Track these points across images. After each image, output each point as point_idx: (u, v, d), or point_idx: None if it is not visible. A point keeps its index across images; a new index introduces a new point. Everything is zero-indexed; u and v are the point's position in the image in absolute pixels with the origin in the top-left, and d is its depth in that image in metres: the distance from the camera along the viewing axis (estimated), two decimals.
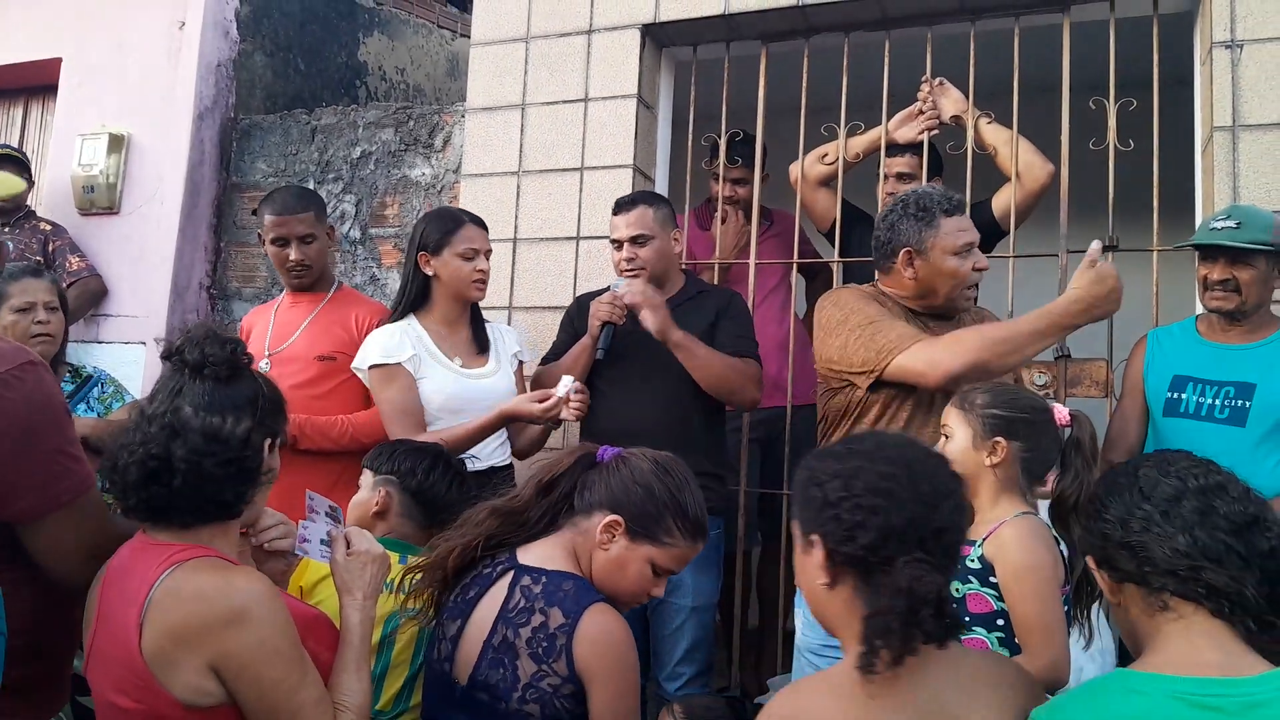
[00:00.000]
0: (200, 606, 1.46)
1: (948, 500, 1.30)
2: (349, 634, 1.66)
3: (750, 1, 3.46)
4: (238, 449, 1.57)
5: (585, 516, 1.82)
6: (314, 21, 4.92)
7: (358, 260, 4.11)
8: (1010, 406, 1.98)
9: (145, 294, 4.24)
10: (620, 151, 3.56)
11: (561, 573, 1.74)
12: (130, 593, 1.49)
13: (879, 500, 1.27)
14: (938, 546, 1.27)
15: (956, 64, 3.32)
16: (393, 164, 4.10)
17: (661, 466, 1.83)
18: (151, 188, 4.33)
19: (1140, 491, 1.28)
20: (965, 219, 2.47)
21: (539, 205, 3.65)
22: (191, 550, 1.53)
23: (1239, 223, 2.49)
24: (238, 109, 4.50)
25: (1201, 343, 2.66)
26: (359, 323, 3.04)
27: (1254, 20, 2.91)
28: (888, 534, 1.26)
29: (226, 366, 1.71)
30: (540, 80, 3.71)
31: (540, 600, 1.70)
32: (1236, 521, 1.22)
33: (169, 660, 1.44)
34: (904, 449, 1.36)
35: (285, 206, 3.06)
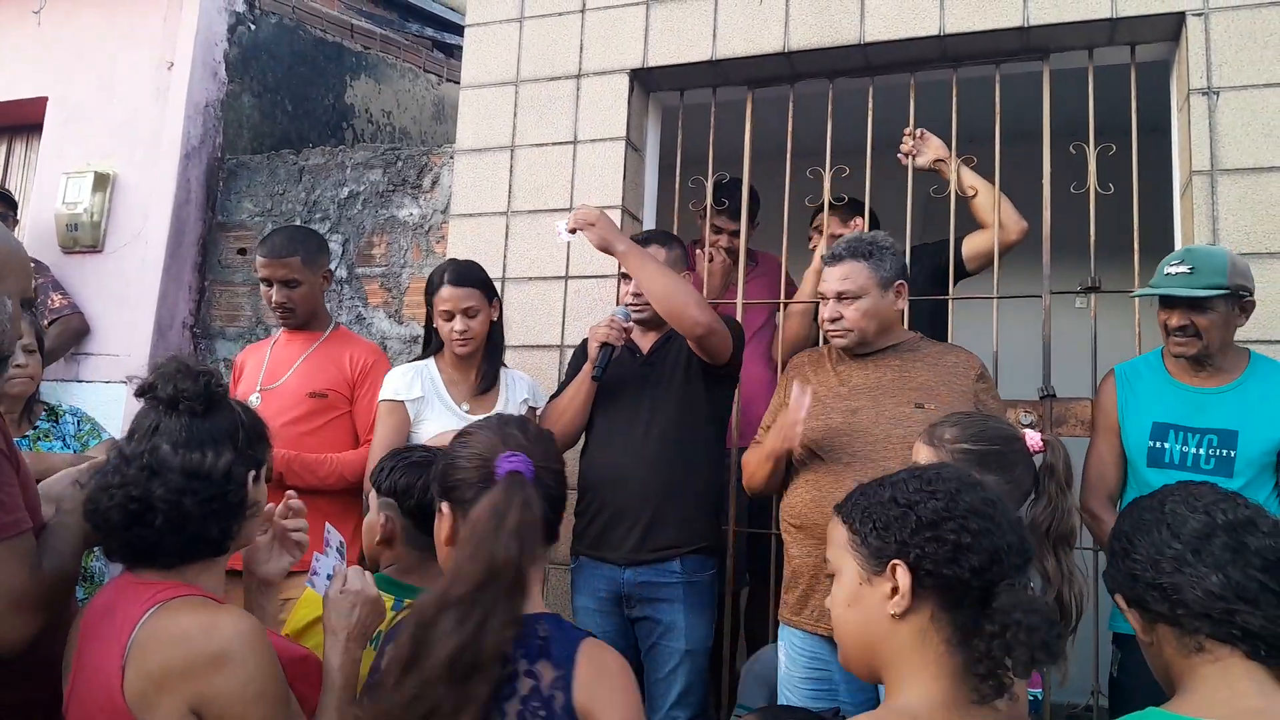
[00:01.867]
0: (182, 648, 1.42)
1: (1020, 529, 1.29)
2: (329, 677, 1.62)
3: (737, 48, 3.53)
4: (220, 484, 1.54)
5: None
6: (302, 64, 4.96)
7: (344, 300, 4.10)
8: (980, 439, 1.94)
9: (128, 333, 4.21)
10: (609, 193, 3.60)
11: (529, 616, 1.48)
12: (113, 633, 1.46)
13: (985, 523, 1.23)
14: (1021, 574, 1.24)
15: (939, 110, 3.38)
16: (380, 204, 4.12)
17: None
18: (136, 226, 4.31)
19: (1169, 528, 1.25)
20: (829, 270, 2.61)
21: (528, 245, 3.67)
22: (176, 589, 1.50)
23: (1192, 267, 2.46)
24: (225, 149, 4.51)
25: (1175, 385, 2.62)
26: (353, 362, 3.10)
27: (1229, 68, 3.00)
28: (995, 556, 1.21)
29: (201, 400, 1.67)
30: (529, 123, 3.75)
31: (521, 660, 1.43)
32: (1269, 558, 1.18)
33: (150, 703, 1.41)
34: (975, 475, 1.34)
35: (273, 249, 3.10)
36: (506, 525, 1.40)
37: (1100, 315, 3.23)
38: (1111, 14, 3.12)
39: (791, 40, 3.46)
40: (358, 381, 3.08)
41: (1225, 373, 2.57)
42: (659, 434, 2.80)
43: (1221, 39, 3.02)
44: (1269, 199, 2.92)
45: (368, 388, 3.06)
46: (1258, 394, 2.53)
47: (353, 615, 1.65)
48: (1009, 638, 1.15)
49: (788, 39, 3.46)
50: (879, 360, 2.61)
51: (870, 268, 2.56)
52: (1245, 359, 2.60)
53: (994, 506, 1.26)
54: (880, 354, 2.62)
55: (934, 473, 1.33)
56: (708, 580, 2.84)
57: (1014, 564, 1.22)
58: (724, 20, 3.55)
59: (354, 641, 1.64)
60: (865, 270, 2.56)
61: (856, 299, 2.56)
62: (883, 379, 2.57)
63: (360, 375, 3.09)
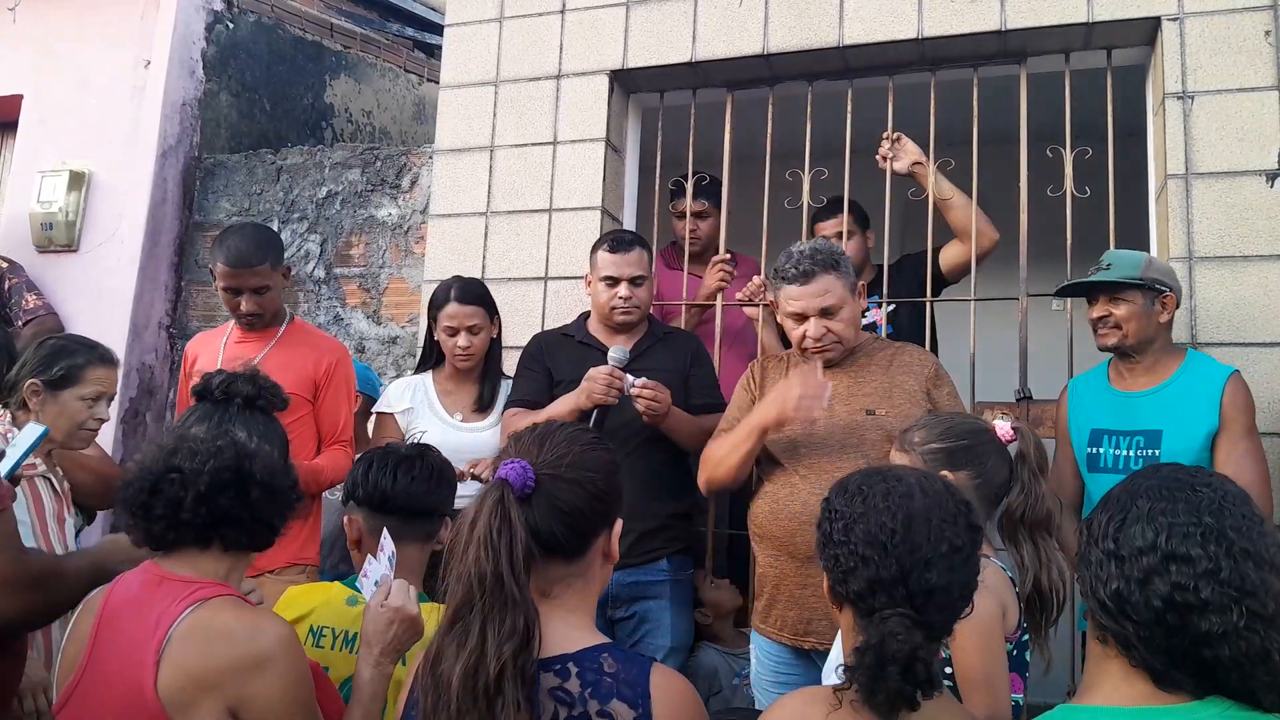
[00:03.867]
0: (227, 648, 1.43)
1: (948, 559, 1.30)
2: (358, 690, 1.61)
3: (716, 50, 3.53)
4: (284, 478, 1.62)
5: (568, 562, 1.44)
6: (281, 63, 4.93)
7: (321, 300, 4.08)
8: (947, 436, 1.93)
9: (103, 333, 4.11)
10: (589, 194, 3.59)
11: (590, 649, 1.36)
12: (144, 628, 1.45)
13: (871, 552, 1.30)
14: (929, 605, 1.27)
15: (917, 113, 3.40)
16: (359, 204, 4.10)
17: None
18: (112, 226, 4.28)
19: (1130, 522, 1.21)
20: (802, 289, 2.49)
21: (507, 246, 3.66)
22: (213, 588, 1.50)
23: (1109, 264, 2.65)
24: (202, 148, 4.48)
25: (1111, 392, 2.71)
26: (329, 370, 2.98)
27: (1204, 73, 3.02)
28: (875, 586, 1.29)
29: (273, 397, 1.80)
30: (509, 123, 3.74)
31: (591, 700, 1.31)
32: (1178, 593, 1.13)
33: (188, 701, 1.40)
34: (911, 499, 1.34)
35: (240, 258, 2.90)
36: (475, 535, 1.33)
37: (1076, 318, 3.24)
38: (1088, 18, 3.14)
39: (771, 42, 3.46)
40: (322, 383, 2.96)
41: (1156, 374, 2.65)
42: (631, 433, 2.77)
43: (1196, 44, 3.05)
44: (1242, 203, 2.94)
45: (332, 390, 2.97)
46: (1183, 392, 2.59)
47: (389, 631, 1.62)
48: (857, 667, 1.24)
49: (767, 41, 3.47)
50: (835, 368, 2.58)
51: (840, 277, 2.53)
52: (1179, 360, 2.66)
53: (890, 536, 1.30)
54: (839, 364, 2.58)
55: (866, 485, 1.38)
56: (688, 580, 2.90)
57: (903, 595, 1.27)
58: (703, 22, 3.56)
59: (386, 656, 1.62)
60: (838, 280, 2.52)
61: (839, 310, 2.51)
62: (838, 386, 2.52)
63: (325, 376, 2.97)
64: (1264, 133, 2.95)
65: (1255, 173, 2.95)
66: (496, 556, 1.30)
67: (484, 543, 1.31)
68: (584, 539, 1.42)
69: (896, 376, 2.51)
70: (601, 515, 1.44)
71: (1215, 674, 1.11)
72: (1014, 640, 1.83)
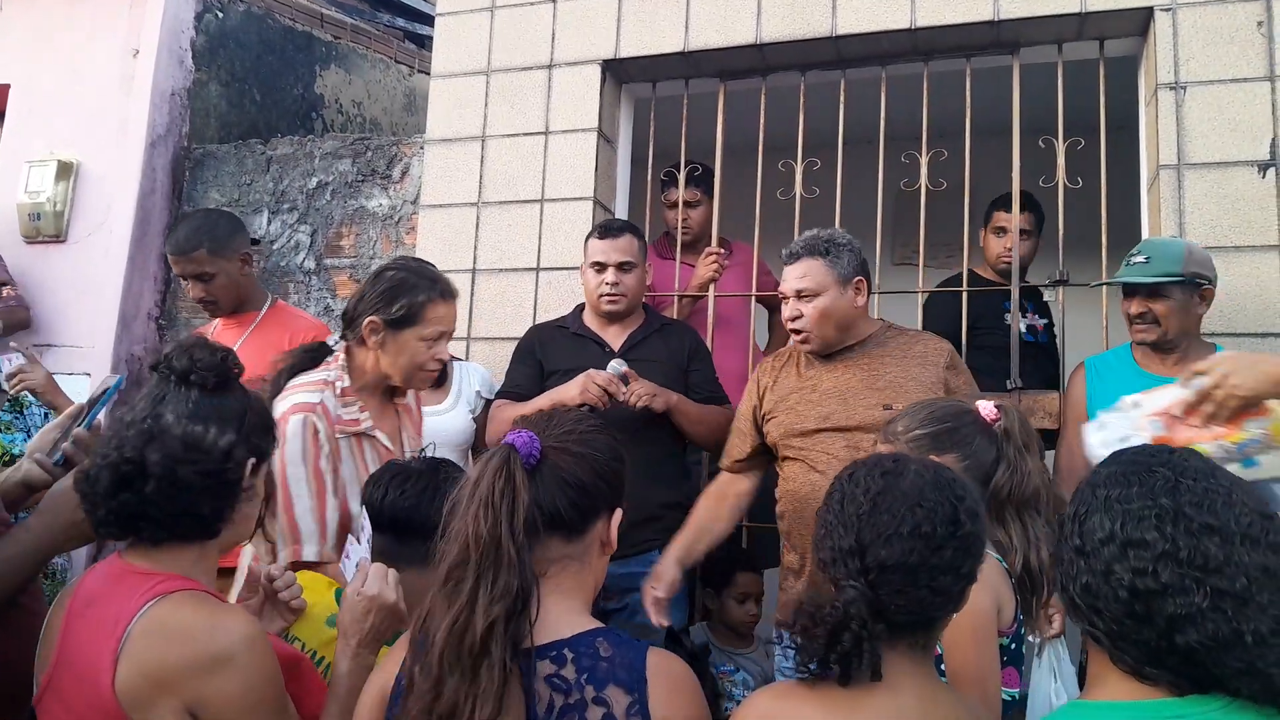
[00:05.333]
0: (184, 646, 1.36)
1: (909, 541, 1.28)
2: (335, 683, 1.55)
3: (708, 39, 3.52)
4: (218, 460, 1.49)
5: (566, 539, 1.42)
6: (271, 53, 4.90)
7: (312, 291, 4.06)
8: (930, 421, 1.91)
9: (91, 324, 4.14)
10: (581, 184, 3.58)
11: (586, 634, 1.35)
12: (104, 624, 1.40)
13: (837, 521, 1.34)
14: (882, 581, 1.27)
15: (910, 104, 3.39)
16: (349, 195, 4.07)
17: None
18: (100, 216, 4.25)
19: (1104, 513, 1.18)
20: (787, 270, 2.60)
21: (498, 236, 3.65)
22: (175, 581, 1.44)
23: (1148, 257, 2.58)
24: (191, 138, 4.45)
25: (1141, 374, 2.67)
26: (293, 344, 2.83)
27: (1196, 63, 3.02)
28: (836, 555, 1.32)
29: (215, 374, 1.57)
30: (500, 113, 3.72)
31: (587, 686, 1.29)
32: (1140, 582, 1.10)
33: (145, 700, 1.35)
34: (896, 478, 1.34)
35: (176, 245, 2.91)
36: (477, 495, 1.31)
37: (1068, 308, 3.25)
38: (1080, 9, 3.13)
39: (763, 32, 3.45)
40: None
41: (1188, 364, 2.58)
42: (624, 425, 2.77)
43: (1189, 34, 3.04)
44: (1234, 193, 2.94)
45: None
46: None
47: (366, 621, 1.57)
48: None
49: (759, 31, 3.45)
50: (846, 361, 2.60)
51: (827, 265, 2.54)
52: (1209, 353, 2.62)
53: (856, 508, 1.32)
54: (847, 353, 2.61)
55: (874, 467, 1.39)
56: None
57: (858, 568, 1.29)
58: (696, 11, 3.54)
59: (364, 647, 1.57)
60: (822, 267, 2.54)
61: (815, 297, 2.53)
62: (851, 380, 2.55)
63: None
64: (1256, 123, 2.95)
65: (1247, 163, 2.95)
66: (497, 517, 1.29)
67: (486, 502, 1.30)
68: (585, 517, 1.41)
69: (912, 368, 2.52)
70: (604, 495, 1.43)
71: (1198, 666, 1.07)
72: (1010, 633, 1.81)
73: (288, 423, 2.08)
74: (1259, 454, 1.88)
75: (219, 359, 1.58)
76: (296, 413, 2.12)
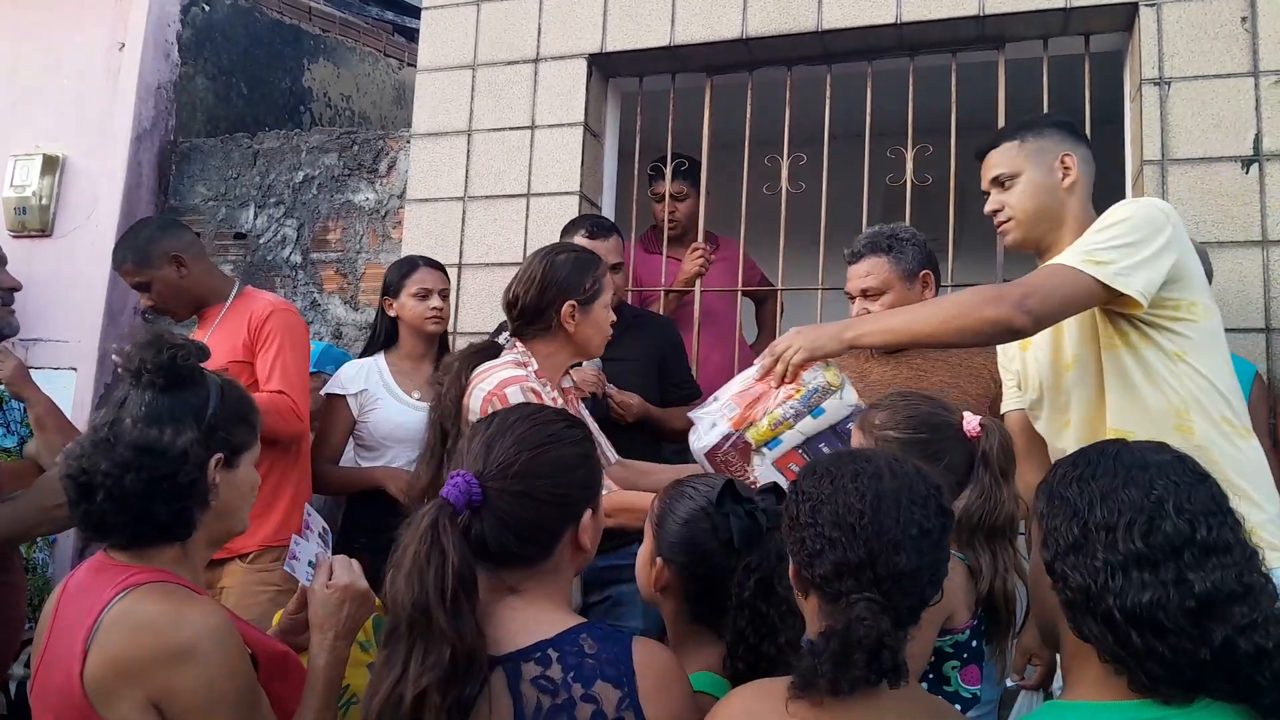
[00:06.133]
0: (146, 637, 1.36)
1: (917, 543, 1.25)
2: (313, 677, 1.52)
3: (695, 34, 3.51)
4: (171, 464, 1.44)
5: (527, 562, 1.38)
6: (258, 47, 4.88)
7: (298, 286, 4.05)
8: (906, 426, 1.82)
9: (77, 318, 4.13)
10: (567, 179, 3.57)
11: (568, 632, 1.32)
12: (81, 615, 1.40)
13: (839, 534, 1.24)
14: (896, 590, 1.22)
15: (896, 98, 3.39)
16: (336, 189, 4.07)
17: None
18: (86, 210, 4.23)
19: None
20: (851, 269, 2.58)
21: (485, 231, 3.64)
22: (148, 574, 1.43)
23: None
24: (178, 132, 4.43)
25: None
26: (251, 323, 2.84)
27: (1181, 59, 3.02)
28: (842, 570, 1.23)
29: (164, 373, 1.52)
30: (486, 107, 3.72)
31: (575, 685, 1.27)
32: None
33: (111, 693, 1.34)
34: (880, 480, 1.29)
35: (113, 258, 2.93)
36: (404, 561, 1.27)
37: None
38: (1066, 4, 3.13)
39: (750, 27, 3.44)
40: (255, 339, 2.82)
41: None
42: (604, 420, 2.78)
43: (1173, 29, 3.04)
44: (1218, 189, 2.95)
45: (265, 342, 2.81)
46: None
47: (342, 611, 1.53)
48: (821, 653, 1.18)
49: (745, 25, 3.45)
50: (900, 358, 2.56)
51: (891, 261, 2.50)
52: None
53: (859, 518, 1.25)
54: (904, 351, 2.54)
55: (835, 466, 1.32)
56: None
57: (870, 579, 1.22)
58: (682, 6, 3.53)
59: (341, 639, 1.54)
60: (886, 265, 2.49)
61: (880, 295, 2.48)
62: (899, 377, 2.49)
63: (257, 332, 2.82)
64: (1240, 119, 2.96)
65: (1231, 159, 2.95)
66: (423, 587, 1.25)
67: (411, 570, 1.27)
68: (543, 547, 1.38)
69: (961, 379, 2.47)
70: (560, 519, 1.38)
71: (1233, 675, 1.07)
72: (969, 628, 1.78)
73: (505, 393, 2.09)
74: (822, 402, 1.94)
75: (166, 357, 1.52)
76: (512, 384, 2.11)
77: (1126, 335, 1.95)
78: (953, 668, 1.78)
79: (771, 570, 1.50)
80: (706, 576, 1.57)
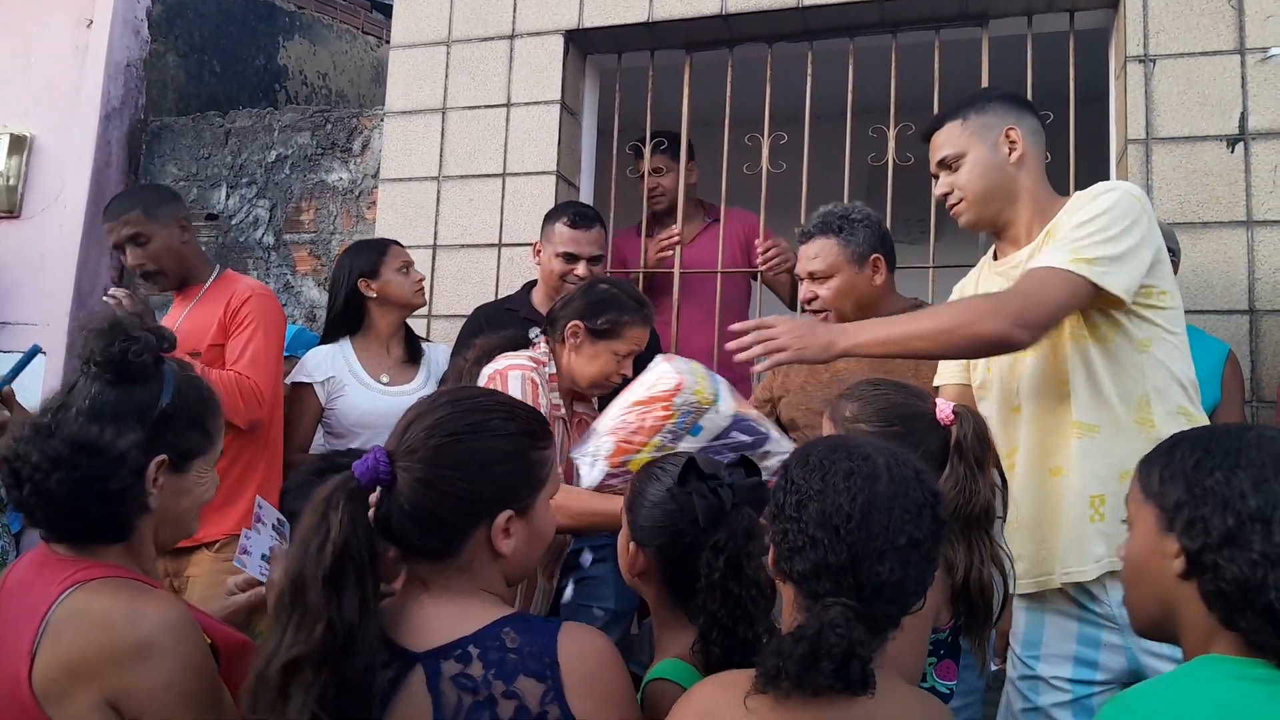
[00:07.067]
0: (104, 635, 1.28)
1: (904, 554, 1.19)
2: None
3: (674, 9, 3.44)
4: (105, 466, 1.35)
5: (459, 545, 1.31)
6: (231, 23, 4.78)
7: (271, 267, 3.98)
8: (879, 419, 1.74)
9: (46, 300, 4.05)
10: (544, 158, 3.51)
11: (490, 627, 1.25)
12: (25, 614, 1.32)
13: (822, 534, 1.19)
14: (876, 598, 1.17)
15: (878, 76, 3.33)
16: (309, 168, 3.99)
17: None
18: (54, 190, 4.15)
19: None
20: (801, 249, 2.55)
21: (460, 211, 3.58)
22: (96, 569, 1.35)
23: None
24: (148, 111, 4.34)
25: None
26: (229, 307, 2.81)
27: (1167, 36, 2.97)
28: (821, 572, 1.19)
29: (111, 368, 1.42)
30: (461, 84, 3.64)
31: (496, 681, 1.21)
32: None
33: (62, 693, 1.27)
34: (875, 483, 1.22)
35: (109, 212, 2.87)
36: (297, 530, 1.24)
37: None
38: None
39: (729, 3, 3.38)
40: (230, 322, 2.79)
41: None
42: None
43: (1159, 6, 2.99)
44: (1203, 168, 2.90)
45: (239, 326, 2.78)
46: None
47: None
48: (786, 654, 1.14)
49: (725, 1, 3.38)
50: None
51: (840, 244, 2.45)
52: None
53: (846, 520, 1.19)
54: None
55: (829, 457, 1.26)
56: None
57: (849, 584, 1.17)
58: None
59: None
60: (835, 247, 2.45)
61: (828, 278, 2.44)
62: (863, 365, 2.40)
63: (233, 315, 2.79)
64: (1225, 97, 2.91)
65: (1216, 138, 2.90)
66: (304, 559, 1.21)
67: (296, 544, 1.23)
68: (445, 541, 1.30)
69: (923, 362, 2.36)
70: (465, 515, 1.30)
71: None
72: (947, 628, 1.74)
73: (506, 378, 2.16)
74: (698, 420, 1.94)
75: (118, 350, 1.42)
76: (515, 370, 2.18)
77: (1097, 327, 1.91)
78: (929, 664, 1.74)
79: (740, 549, 1.45)
80: (680, 559, 1.52)
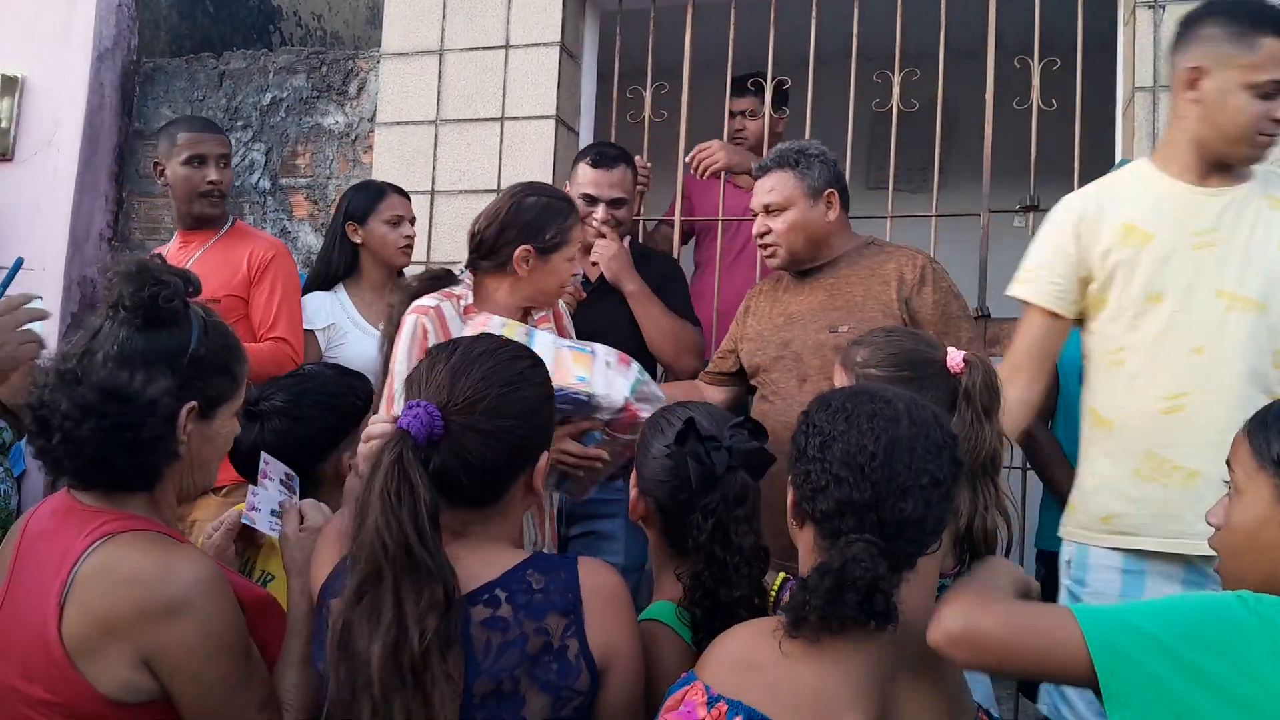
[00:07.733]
0: (136, 592, 1.27)
1: (926, 492, 1.21)
2: (296, 623, 1.46)
3: None
4: (137, 414, 1.32)
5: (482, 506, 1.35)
6: None
7: (267, 212, 3.94)
8: (889, 364, 1.75)
9: (40, 246, 4.01)
10: (543, 102, 3.46)
11: (514, 570, 1.29)
12: (50, 564, 1.30)
13: (846, 473, 1.22)
14: (898, 535, 1.20)
15: (884, 25, 3.27)
16: (304, 111, 3.93)
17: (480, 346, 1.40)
18: (47, 133, 4.08)
19: None
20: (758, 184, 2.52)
21: (458, 156, 3.54)
22: (124, 521, 1.33)
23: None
24: (141, 51, 4.27)
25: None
26: (251, 260, 2.84)
27: None
28: (845, 509, 1.21)
29: (141, 312, 1.37)
30: (459, 25, 3.58)
31: (526, 621, 1.25)
32: None
33: (94, 650, 1.26)
34: (897, 424, 1.24)
35: (206, 125, 3.00)
36: (373, 499, 1.21)
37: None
38: None
39: None
40: (254, 280, 2.84)
41: None
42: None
43: None
44: None
45: (266, 284, 2.84)
46: None
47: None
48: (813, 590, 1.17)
49: None
50: (815, 281, 2.49)
51: (796, 177, 2.44)
52: None
53: (870, 459, 1.21)
54: (818, 272, 2.49)
55: (850, 403, 1.28)
56: None
57: (873, 521, 1.19)
58: None
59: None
60: (791, 180, 2.44)
61: (782, 211, 2.44)
62: (814, 302, 2.44)
63: (259, 272, 2.84)
64: None
65: None
66: (400, 524, 1.20)
67: (384, 509, 1.21)
68: (498, 490, 1.34)
69: (874, 287, 2.39)
70: (520, 464, 1.35)
71: None
72: (951, 574, 1.76)
73: (404, 320, 2.12)
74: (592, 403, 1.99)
75: (148, 294, 1.38)
76: (411, 313, 2.12)
77: None
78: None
79: (728, 515, 1.47)
80: (675, 514, 1.55)
